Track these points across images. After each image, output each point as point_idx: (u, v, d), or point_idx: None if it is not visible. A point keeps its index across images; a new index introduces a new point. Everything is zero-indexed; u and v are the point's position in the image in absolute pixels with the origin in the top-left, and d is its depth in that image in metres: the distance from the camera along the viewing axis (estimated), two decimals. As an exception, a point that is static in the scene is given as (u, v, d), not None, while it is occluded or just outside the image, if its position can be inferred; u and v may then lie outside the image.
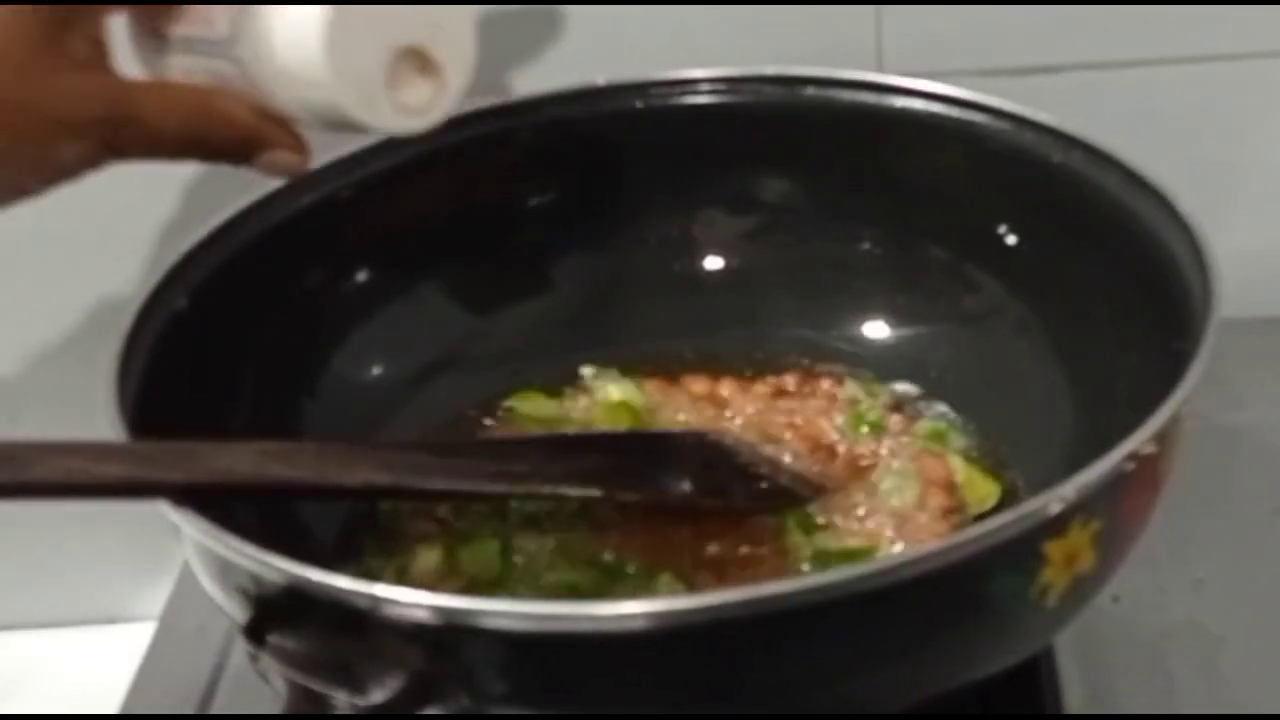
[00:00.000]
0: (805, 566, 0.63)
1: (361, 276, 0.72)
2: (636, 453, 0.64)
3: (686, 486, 0.63)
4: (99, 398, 0.57)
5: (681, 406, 0.72)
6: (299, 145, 0.61)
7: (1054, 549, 0.50)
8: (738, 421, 0.71)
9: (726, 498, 0.64)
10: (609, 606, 0.47)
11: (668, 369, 0.74)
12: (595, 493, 0.62)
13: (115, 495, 0.53)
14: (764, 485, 0.65)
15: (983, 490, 0.67)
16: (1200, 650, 0.68)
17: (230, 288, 0.65)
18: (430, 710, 0.49)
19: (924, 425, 0.70)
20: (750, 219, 0.76)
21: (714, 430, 0.69)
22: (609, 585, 0.61)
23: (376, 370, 0.72)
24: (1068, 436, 0.66)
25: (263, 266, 0.66)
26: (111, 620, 0.91)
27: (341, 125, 0.60)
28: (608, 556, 0.63)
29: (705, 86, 0.74)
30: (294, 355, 0.69)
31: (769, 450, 0.68)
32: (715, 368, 0.74)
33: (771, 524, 0.64)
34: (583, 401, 0.73)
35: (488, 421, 0.72)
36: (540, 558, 0.63)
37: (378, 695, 0.50)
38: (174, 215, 0.66)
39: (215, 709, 0.70)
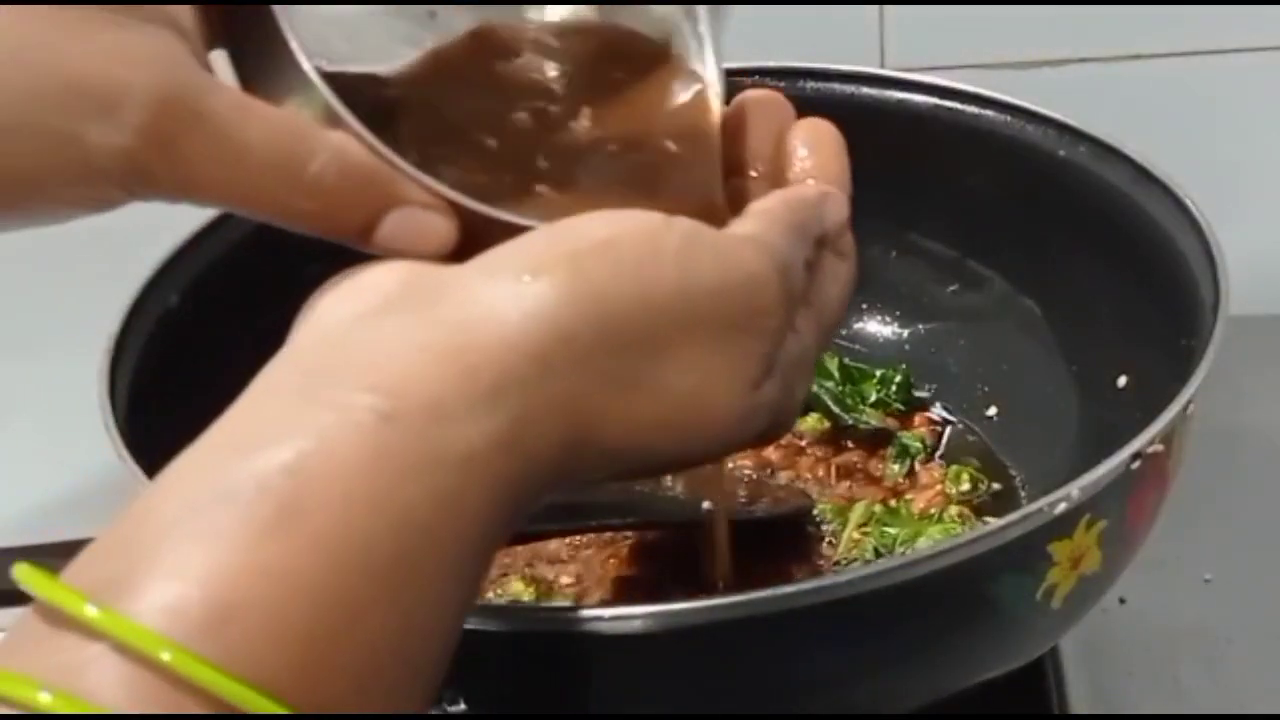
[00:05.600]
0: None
1: (356, 272, 0.71)
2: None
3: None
4: (91, 395, 0.56)
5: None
6: (441, 204, 0.43)
7: (1060, 550, 0.50)
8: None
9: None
10: (610, 609, 0.47)
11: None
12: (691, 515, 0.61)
13: None
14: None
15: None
16: (1208, 651, 0.67)
17: (222, 284, 0.64)
18: (429, 710, 0.49)
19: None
20: (750, 214, 0.76)
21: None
22: None
23: (371, 367, 0.71)
24: (1073, 435, 0.65)
25: (255, 262, 0.65)
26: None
27: None
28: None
29: (705, 80, 0.73)
30: (288, 352, 0.68)
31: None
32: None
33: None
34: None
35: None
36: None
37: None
38: (164, 211, 0.65)
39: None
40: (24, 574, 0.34)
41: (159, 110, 0.41)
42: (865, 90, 0.71)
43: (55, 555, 0.41)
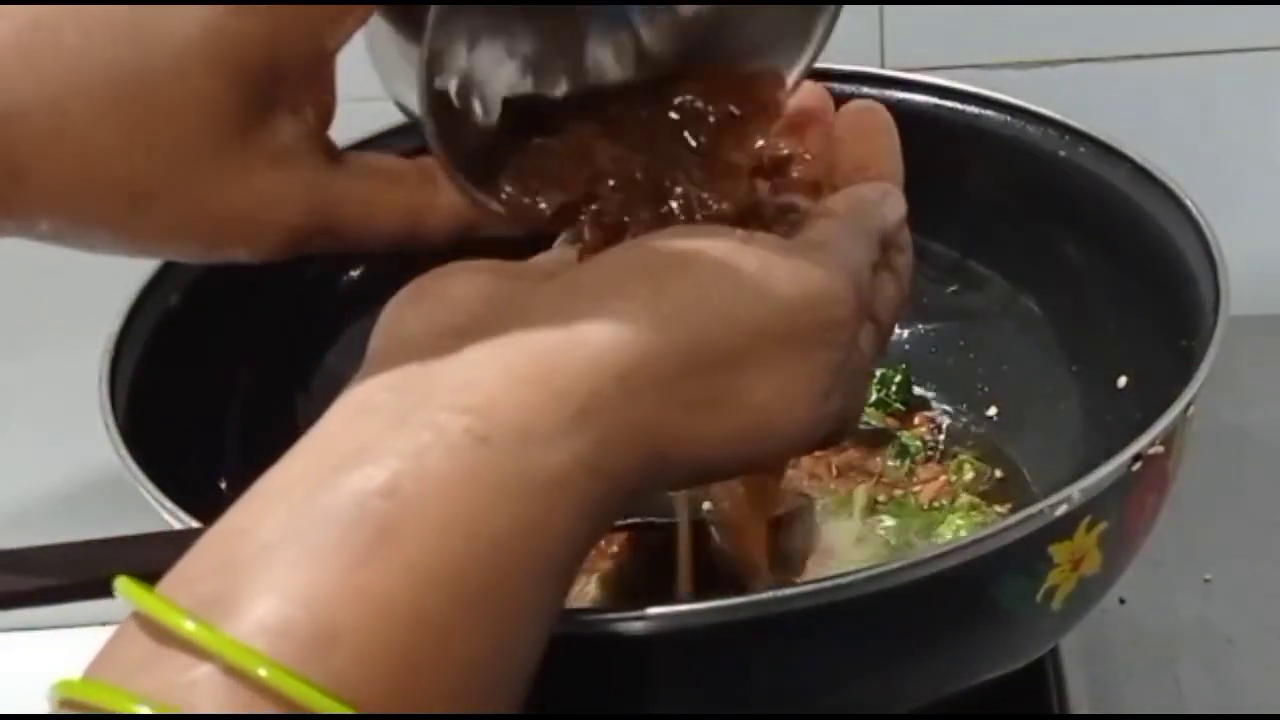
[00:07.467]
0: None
1: (356, 272, 0.71)
2: None
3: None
4: (91, 395, 0.56)
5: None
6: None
7: (1060, 551, 0.50)
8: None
9: None
10: (614, 612, 0.47)
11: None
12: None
13: None
14: None
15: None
16: (1207, 651, 0.67)
17: (222, 284, 0.64)
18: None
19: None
20: (750, 215, 0.76)
21: None
22: None
23: (372, 368, 0.71)
24: (1074, 435, 0.65)
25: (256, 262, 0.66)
26: (105, 623, 0.90)
27: None
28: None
29: (704, 80, 0.73)
30: (288, 352, 0.68)
31: None
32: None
33: None
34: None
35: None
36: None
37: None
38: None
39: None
40: (127, 588, 0.34)
41: (295, 235, 0.44)
42: (865, 90, 0.70)
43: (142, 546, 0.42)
